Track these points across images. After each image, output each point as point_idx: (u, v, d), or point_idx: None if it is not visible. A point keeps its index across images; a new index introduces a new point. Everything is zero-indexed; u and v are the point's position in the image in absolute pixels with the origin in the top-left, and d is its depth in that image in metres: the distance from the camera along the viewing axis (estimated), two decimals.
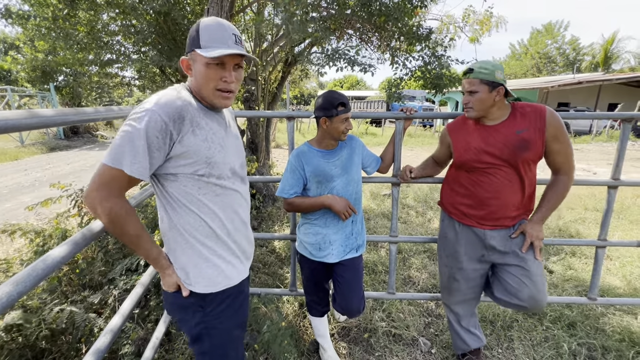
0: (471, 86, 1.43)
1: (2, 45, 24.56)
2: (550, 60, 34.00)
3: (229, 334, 1.11)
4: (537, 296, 1.48)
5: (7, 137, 11.64)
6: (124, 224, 0.90)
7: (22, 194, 5.64)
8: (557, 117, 1.43)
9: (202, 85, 0.97)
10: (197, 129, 0.94)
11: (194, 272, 1.03)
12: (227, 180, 1.04)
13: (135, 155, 0.84)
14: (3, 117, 0.72)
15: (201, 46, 0.93)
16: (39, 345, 1.62)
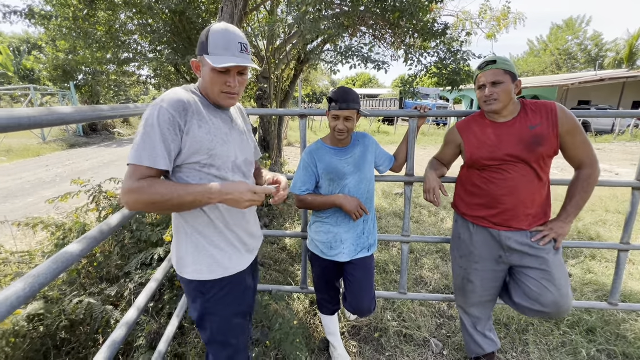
0: (496, 77, 1.39)
1: (25, 45, 25.48)
2: (571, 56, 32.89)
3: (228, 321, 1.16)
4: (560, 302, 1.42)
5: (30, 134, 12.09)
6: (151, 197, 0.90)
7: (43, 189, 5.85)
8: (568, 112, 1.41)
9: (209, 87, 1.05)
10: (201, 122, 1.01)
11: (192, 260, 1.09)
12: (227, 173, 1.09)
13: (153, 148, 0.92)
14: (27, 114, 0.74)
15: (209, 53, 1.00)
16: (59, 335, 1.68)
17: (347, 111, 1.50)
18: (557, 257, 1.47)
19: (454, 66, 3.75)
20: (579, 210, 1.48)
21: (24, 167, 7.73)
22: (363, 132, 1.74)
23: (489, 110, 1.45)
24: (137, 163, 0.91)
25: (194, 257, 1.09)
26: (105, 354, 0.98)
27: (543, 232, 1.46)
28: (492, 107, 1.43)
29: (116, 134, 14.99)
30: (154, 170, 0.93)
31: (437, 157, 1.80)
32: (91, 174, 6.94)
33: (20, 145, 10.13)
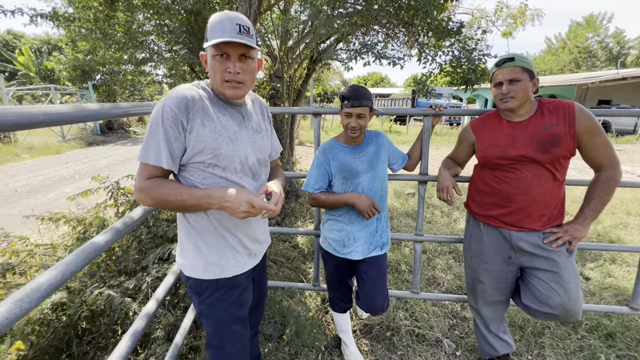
0: (514, 74, 1.37)
1: (45, 46, 26.35)
2: (591, 54, 31.84)
3: (224, 326, 1.12)
4: (568, 305, 1.39)
5: (51, 132, 12.51)
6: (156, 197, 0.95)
7: (63, 185, 6.05)
8: (587, 112, 1.37)
9: (212, 77, 1.02)
10: (206, 120, 0.98)
11: (190, 257, 1.09)
12: (233, 174, 1.05)
13: (158, 147, 0.94)
14: (57, 110, 0.78)
15: (208, 39, 0.98)
16: (80, 325, 1.75)
17: (359, 108, 1.50)
18: (568, 259, 1.43)
19: (468, 65, 3.69)
20: (598, 213, 1.44)
21: (45, 164, 8.01)
22: (377, 131, 1.74)
23: (505, 108, 1.42)
24: (144, 161, 0.95)
25: (192, 254, 1.09)
26: (127, 342, 1.02)
27: (557, 233, 1.43)
28: (508, 105, 1.40)
29: (131, 132, 15.34)
30: (159, 168, 0.96)
31: (451, 156, 1.78)
32: (108, 171, 7.14)
33: (41, 143, 10.49)
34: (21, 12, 3.31)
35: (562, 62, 33.56)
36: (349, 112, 1.52)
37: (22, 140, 10.65)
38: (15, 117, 0.64)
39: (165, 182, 0.96)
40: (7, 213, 4.56)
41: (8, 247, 1.94)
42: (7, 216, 4.42)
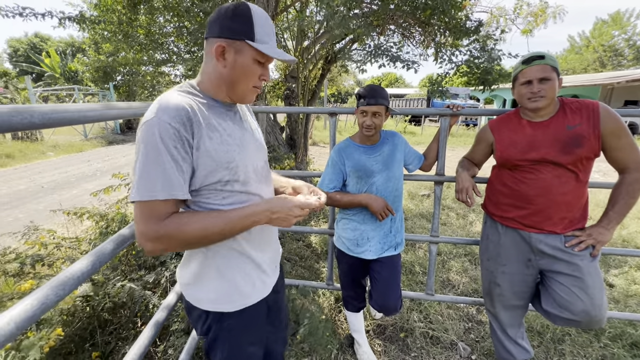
0: (545, 72, 1.32)
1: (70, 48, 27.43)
2: (617, 53, 30.54)
3: (241, 349, 0.99)
4: (592, 311, 1.34)
5: (74, 131, 13.01)
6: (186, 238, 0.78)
7: (86, 182, 6.29)
8: (612, 112, 1.33)
9: (240, 80, 0.86)
10: (210, 132, 0.82)
11: (212, 289, 0.92)
12: (252, 185, 0.93)
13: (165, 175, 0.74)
14: (90, 108, 0.82)
15: (255, 39, 0.82)
16: (103, 316, 1.82)
17: (375, 107, 1.51)
18: (591, 264, 1.38)
19: (485, 65, 3.62)
20: (622, 216, 1.38)
21: (68, 162, 8.34)
22: (392, 131, 1.74)
23: (534, 108, 1.36)
24: (149, 199, 0.73)
25: (213, 284, 0.92)
26: (150, 332, 1.06)
27: (580, 237, 1.38)
28: (537, 105, 1.34)
29: None
30: (171, 202, 0.76)
31: (468, 157, 1.76)
32: (128, 169, 7.37)
33: (65, 142, 10.93)
34: (51, 15, 3.48)
35: (585, 61, 32.35)
36: (364, 110, 1.53)
37: (48, 138, 11.12)
38: (53, 114, 0.68)
39: (189, 217, 0.78)
40: (34, 208, 4.78)
41: (37, 239, 2.04)
42: (34, 211, 4.64)
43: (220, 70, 0.85)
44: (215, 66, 0.86)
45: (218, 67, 0.85)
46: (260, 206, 0.85)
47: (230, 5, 0.83)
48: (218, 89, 0.88)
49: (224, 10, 0.83)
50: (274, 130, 4.91)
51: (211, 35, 0.84)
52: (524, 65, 1.38)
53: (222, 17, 0.83)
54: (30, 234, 2.08)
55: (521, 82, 1.39)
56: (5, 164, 7.77)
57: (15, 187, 5.90)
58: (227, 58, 0.84)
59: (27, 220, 3.43)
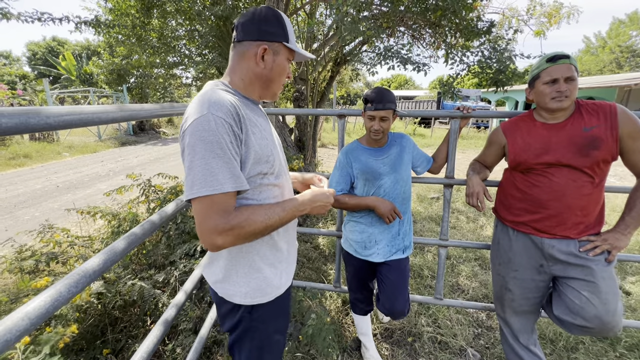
0: (571, 72, 1.29)
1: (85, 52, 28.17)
2: (635, 54, 29.73)
3: (269, 337, 1.04)
4: (605, 318, 1.29)
5: (89, 132, 13.33)
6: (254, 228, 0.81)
7: (99, 182, 6.43)
8: (630, 113, 1.29)
9: (276, 79, 0.95)
10: (253, 127, 0.87)
11: (245, 282, 0.96)
12: (281, 178, 0.99)
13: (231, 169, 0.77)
14: (104, 110, 0.84)
15: (289, 41, 0.92)
16: (114, 314, 1.85)
17: (382, 111, 1.50)
18: (606, 268, 1.33)
19: (498, 65, 3.56)
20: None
21: (83, 162, 8.55)
22: (401, 133, 1.73)
23: (558, 107, 1.32)
24: (217, 192, 0.74)
25: (247, 278, 0.96)
26: (159, 330, 1.07)
27: (595, 242, 1.34)
28: (562, 104, 1.30)
29: (161, 133, 16.04)
30: (234, 194, 0.79)
31: (479, 159, 1.73)
32: (140, 169, 7.51)
33: (80, 142, 11.21)
34: (68, 20, 3.58)
35: (601, 62, 31.59)
36: (372, 114, 1.53)
37: (64, 139, 11.42)
38: (68, 116, 0.70)
39: (253, 208, 0.83)
40: (50, 207, 4.91)
41: (52, 238, 2.10)
42: (50, 209, 4.76)
43: (258, 71, 0.92)
44: (251, 67, 0.92)
45: (255, 68, 0.92)
46: (306, 196, 0.95)
47: (264, 10, 0.91)
48: (251, 87, 0.94)
49: (258, 14, 0.90)
50: (283, 131, 4.94)
51: (248, 39, 0.90)
52: (549, 63, 1.33)
53: (259, 21, 0.89)
54: (45, 232, 2.13)
55: (545, 80, 1.34)
56: (23, 163, 8.01)
57: (32, 186, 6.08)
58: (266, 59, 0.91)
59: (43, 219, 3.53)
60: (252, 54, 0.90)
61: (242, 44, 0.91)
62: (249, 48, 0.90)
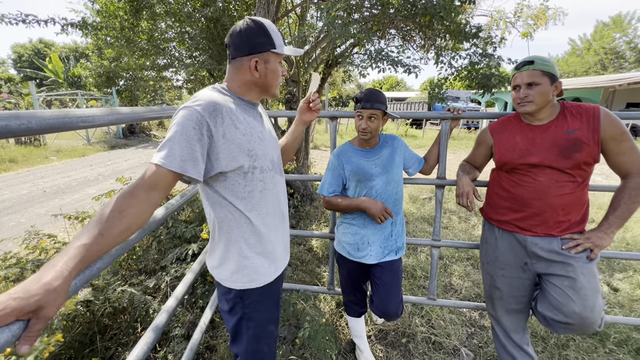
0: (532, 78, 1.34)
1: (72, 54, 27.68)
2: (619, 55, 30.53)
3: (264, 327, 1.13)
4: (584, 313, 1.31)
5: (77, 135, 13.08)
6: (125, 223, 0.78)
7: (88, 187, 6.31)
8: (613, 116, 1.32)
9: (273, 83, 1.07)
10: (237, 122, 0.97)
11: (234, 269, 1.06)
12: (268, 173, 1.08)
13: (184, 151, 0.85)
14: (90, 113, 0.82)
15: (276, 47, 1.03)
16: (103, 321, 1.81)
17: (369, 110, 1.52)
18: (587, 265, 1.35)
19: (485, 70, 3.62)
20: (624, 221, 1.36)
21: (71, 166, 8.37)
22: (392, 134, 1.74)
23: (523, 112, 1.40)
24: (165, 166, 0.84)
25: (235, 266, 1.06)
26: (149, 337, 1.05)
27: (577, 240, 1.37)
28: (525, 109, 1.37)
29: (152, 135, 15.84)
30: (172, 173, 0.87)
31: (469, 160, 1.75)
32: (130, 173, 7.39)
33: (68, 146, 10.99)
34: (53, 22, 3.51)
35: (587, 63, 32.35)
36: (360, 113, 1.54)
37: (51, 143, 11.19)
38: (52, 120, 0.68)
39: (142, 213, 0.85)
40: (36, 212, 4.79)
41: (38, 244, 2.04)
42: (37, 215, 4.65)
43: (254, 79, 1.04)
44: (247, 77, 1.04)
45: (251, 78, 1.04)
46: None
47: (247, 25, 1.01)
48: (248, 91, 1.06)
49: (245, 30, 1.00)
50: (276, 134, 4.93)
51: (240, 55, 1.02)
52: (514, 71, 1.42)
53: (246, 37, 1.00)
54: (31, 238, 2.08)
55: (513, 86, 1.43)
56: (9, 168, 7.81)
57: (17, 191, 5.93)
58: (259, 69, 1.03)
59: (29, 225, 3.44)
60: (246, 68, 1.02)
61: (236, 60, 1.03)
62: (242, 63, 1.02)
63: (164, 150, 0.84)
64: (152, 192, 0.81)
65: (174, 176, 0.85)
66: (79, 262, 0.64)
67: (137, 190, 0.79)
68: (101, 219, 0.71)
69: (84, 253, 0.65)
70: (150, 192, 0.81)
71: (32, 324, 0.56)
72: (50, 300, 0.57)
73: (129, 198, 0.77)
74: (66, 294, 0.61)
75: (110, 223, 0.71)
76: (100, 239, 0.69)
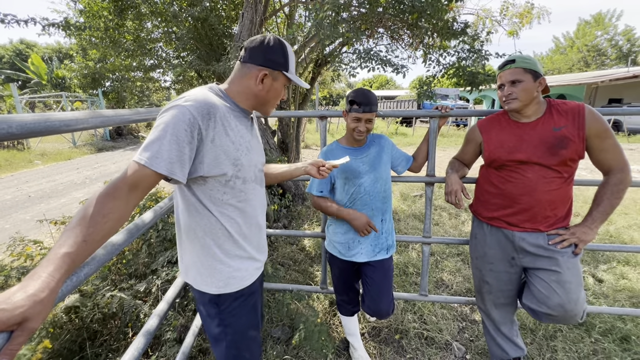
0: (514, 75, 1.39)
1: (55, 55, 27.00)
2: (600, 53, 31.34)
3: (242, 334, 1.11)
4: (567, 306, 1.36)
5: (62, 138, 12.78)
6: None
7: (75, 190, 6.17)
8: (597, 114, 1.36)
9: (271, 101, 1.08)
10: (228, 129, 0.95)
11: (207, 273, 1.04)
12: (250, 184, 1.06)
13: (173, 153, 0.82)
14: (72, 117, 0.80)
15: (289, 71, 1.05)
16: (93, 327, 1.78)
17: (369, 114, 1.53)
18: (571, 259, 1.40)
19: (472, 68, 3.68)
20: (607, 216, 1.40)
21: (57, 170, 8.18)
22: (379, 134, 1.75)
23: (509, 109, 1.44)
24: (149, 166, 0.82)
25: (208, 270, 1.03)
26: (140, 342, 1.04)
27: (563, 235, 1.41)
28: (511, 106, 1.41)
29: (140, 137, 15.59)
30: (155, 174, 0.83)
31: (458, 157, 1.78)
32: None
33: (53, 149, 10.72)
34: (34, 22, 3.42)
35: (570, 61, 33.13)
36: (359, 117, 1.54)
37: (35, 146, 10.90)
38: (33, 125, 0.67)
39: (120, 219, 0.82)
40: (21, 218, 4.67)
41: (23, 251, 1.99)
42: (21, 221, 4.53)
43: (256, 91, 1.03)
44: (251, 86, 1.03)
45: (254, 87, 1.03)
46: None
47: (272, 39, 1.02)
48: (245, 100, 1.05)
49: (267, 43, 1.01)
50: (266, 134, 4.90)
51: (253, 62, 1.01)
52: (498, 70, 1.47)
53: (266, 50, 1.01)
54: (16, 245, 2.02)
55: (497, 86, 1.47)
56: None
57: (1, 197, 5.76)
58: (265, 83, 1.03)
59: (14, 231, 3.35)
60: (253, 76, 1.02)
61: (247, 65, 1.02)
62: (252, 70, 1.02)
63: (150, 149, 0.80)
64: (133, 193, 0.79)
65: (158, 177, 0.82)
66: (65, 272, 0.62)
67: (118, 191, 0.76)
68: (83, 222, 0.68)
69: (69, 262, 0.63)
70: (131, 192, 0.78)
71: (15, 337, 0.54)
72: (36, 313, 0.55)
73: (112, 200, 0.74)
74: (52, 305, 0.59)
75: (93, 228, 0.69)
76: (84, 246, 0.66)
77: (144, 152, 0.81)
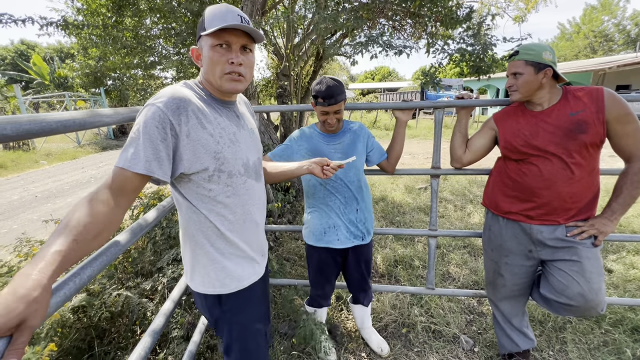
0: (515, 68, 1.38)
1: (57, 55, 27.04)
2: (608, 38, 30.68)
3: (246, 327, 1.10)
4: (588, 296, 1.32)
5: (67, 138, 12.86)
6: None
7: (80, 190, 6.22)
8: (617, 97, 1.31)
9: (210, 70, 0.93)
10: (205, 122, 0.90)
11: (204, 274, 1.02)
12: (239, 178, 1.00)
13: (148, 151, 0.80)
14: (70, 117, 0.79)
15: (205, 28, 0.90)
16: (101, 326, 1.79)
17: (335, 106, 1.49)
18: (591, 250, 1.36)
19: (479, 52, 3.59)
20: (627, 207, 1.36)
21: (62, 170, 8.25)
22: (358, 122, 1.72)
23: (511, 100, 1.49)
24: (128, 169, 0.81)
25: (205, 270, 1.02)
26: (147, 341, 1.03)
27: (582, 227, 1.37)
28: (512, 98, 1.45)
29: None
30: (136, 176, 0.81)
31: (464, 136, 1.73)
32: None
33: (58, 149, 10.81)
34: (32, 21, 3.39)
35: (576, 47, 32.48)
36: (325, 110, 1.51)
37: (40, 147, 10.99)
38: (29, 125, 0.65)
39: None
40: (28, 218, 4.72)
41: (30, 251, 2.00)
42: (29, 221, 4.58)
43: (202, 72, 0.98)
44: (201, 69, 0.98)
45: (202, 68, 0.98)
46: None
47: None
48: (208, 86, 0.99)
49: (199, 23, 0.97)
50: (268, 129, 4.88)
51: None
52: (508, 61, 1.49)
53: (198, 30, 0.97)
54: (23, 245, 2.03)
55: (506, 75, 1.49)
56: None
57: (8, 197, 5.83)
58: (200, 59, 0.97)
59: (21, 231, 3.38)
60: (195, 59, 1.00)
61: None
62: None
63: (127, 151, 0.79)
64: (120, 198, 0.78)
65: (141, 179, 0.81)
66: (56, 269, 0.60)
67: (104, 196, 0.75)
68: (71, 223, 0.67)
69: (60, 259, 0.61)
70: (117, 197, 0.77)
71: (17, 337, 0.53)
72: (32, 312, 0.54)
73: (98, 204, 0.73)
74: (48, 302, 0.58)
75: (83, 228, 0.67)
76: (75, 245, 0.65)
77: (122, 155, 0.80)
